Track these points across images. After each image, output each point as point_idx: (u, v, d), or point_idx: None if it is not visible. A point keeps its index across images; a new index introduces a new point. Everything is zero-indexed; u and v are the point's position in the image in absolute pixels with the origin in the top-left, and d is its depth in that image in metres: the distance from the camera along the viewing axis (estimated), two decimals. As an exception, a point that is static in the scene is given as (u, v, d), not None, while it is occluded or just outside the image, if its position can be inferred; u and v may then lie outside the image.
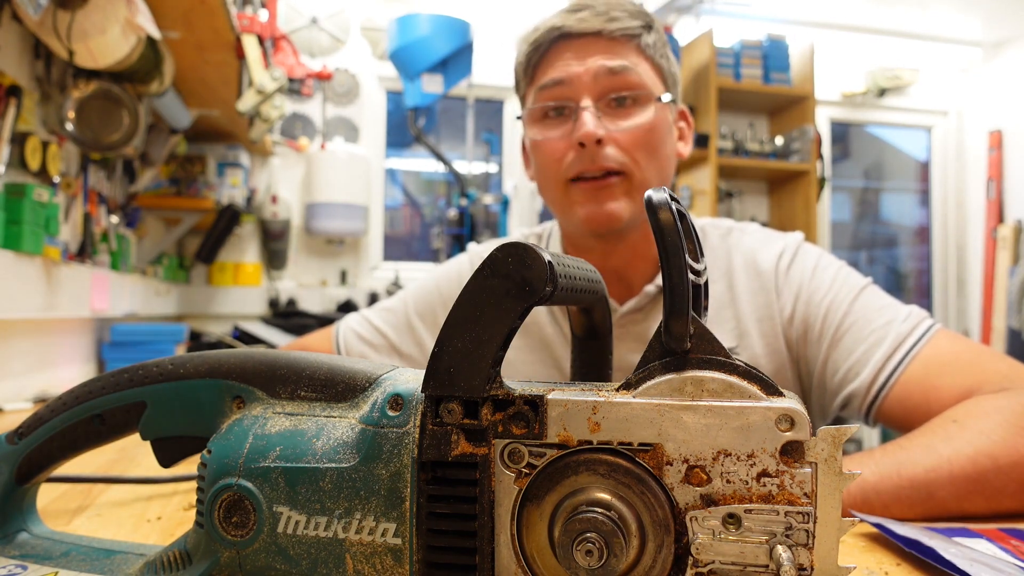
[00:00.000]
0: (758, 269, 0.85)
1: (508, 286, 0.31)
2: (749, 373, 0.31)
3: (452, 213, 3.15)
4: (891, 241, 4.31)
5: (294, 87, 2.47)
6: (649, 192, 0.32)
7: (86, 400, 0.41)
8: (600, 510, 0.30)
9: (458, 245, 3.15)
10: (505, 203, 3.28)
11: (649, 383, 0.32)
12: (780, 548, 0.29)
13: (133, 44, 1.38)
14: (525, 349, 0.91)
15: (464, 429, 0.33)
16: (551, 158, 0.81)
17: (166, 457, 0.41)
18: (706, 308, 0.36)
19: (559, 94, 0.80)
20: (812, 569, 0.30)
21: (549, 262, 0.31)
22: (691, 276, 0.32)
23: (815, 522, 0.30)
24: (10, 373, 1.42)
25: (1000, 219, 3.86)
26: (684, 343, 0.31)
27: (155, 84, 1.67)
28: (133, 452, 0.81)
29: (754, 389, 0.31)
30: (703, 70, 3.32)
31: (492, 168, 3.53)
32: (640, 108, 0.79)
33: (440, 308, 0.94)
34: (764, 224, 3.85)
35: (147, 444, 0.41)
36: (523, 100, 0.88)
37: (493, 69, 3.39)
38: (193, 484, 0.65)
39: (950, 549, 0.43)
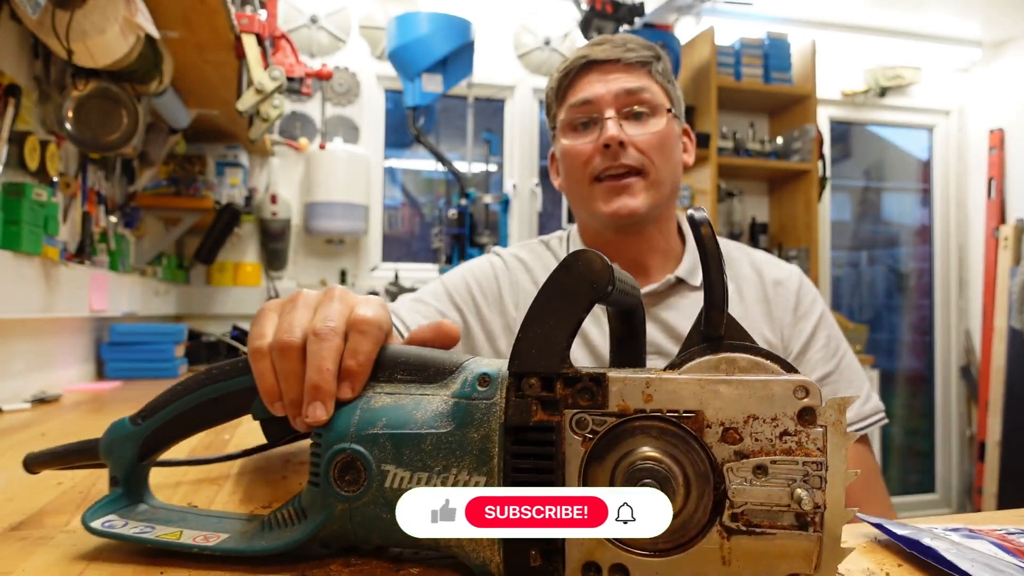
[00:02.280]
0: (763, 280, 0.99)
1: (579, 283, 0.38)
2: (771, 355, 0.38)
3: (452, 213, 3.15)
4: (892, 241, 4.30)
5: (293, 86, 2.46)
6: (691, 211, 0.39)
7: (205, 385, 0.47)
8: (654, 462, 0.37)
9: (458, 245, 3.15)
10: (505, 203, 3.28)
11: (691, 363, 0.39)
12: (800, 490, 0.36)
13: (132, 43, 1.38)
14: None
15: (541, 400, 0.39)
16: (579, 160, 0.95)
17: (272, 435, 0.49)
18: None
19: (586, 110, 0.95)
20: (825, 507, 0.36)
21: (611, 266, 0.38)
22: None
23: (827, 471, 0.36)
24: (9, 373, 1.42)
25: (1002, 219, 3.86)
26: (720, 331, 0.39)
27: (154, 83, 1.67)
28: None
29: (775, 367, 0.38)
30: (703, 69, 3.31)
31: (492, 168, 3.52)
32: (654, 119, 0.94)
33: (474, 285, 1.02)
34: (764, 224, 3.84)
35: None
36: (554, 119, 1.02)
37: (493, 68, 3.39)
38: (193, 483, 0.66)
39: (951, 549, 0.43)
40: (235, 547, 0.43)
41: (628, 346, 0.48)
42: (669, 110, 0.95)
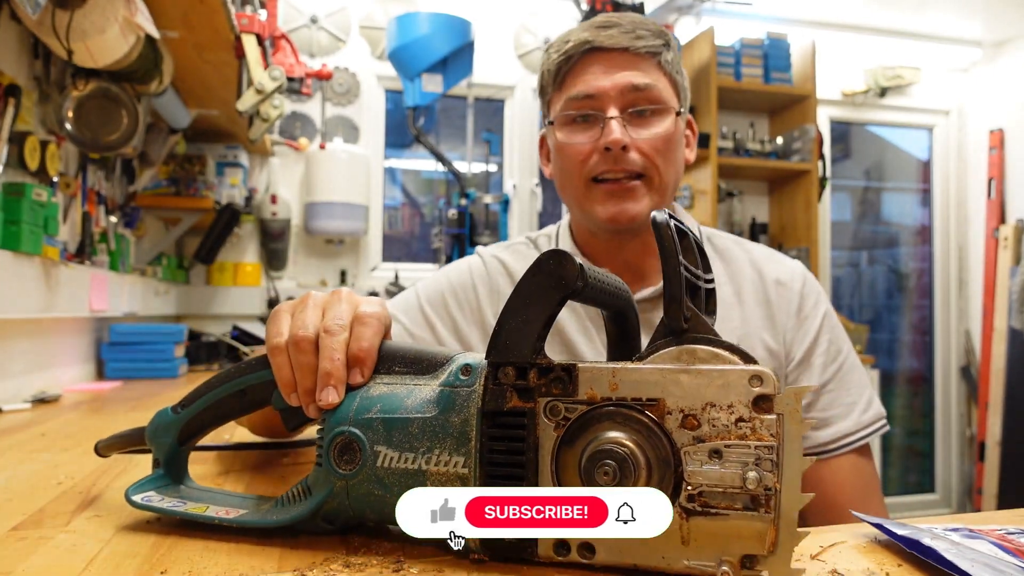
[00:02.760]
0: (763, 280, 0.94)
1: (550, 281, 0.41)
2: (732, 347, 0.41)
3: (452, 213, 3.15)
4: (892, 241, 4.30)
5: (293, 86, 2.46)
6: (654, 213, 0.41)
7: (234, 378, 0.53)
8: (616, 445, 0.40)
9: (458, 245, 3.15)
10: (505, 203, 3.27)
11: (655, 354, 0.41)
12: (751, 473, 0.38)
13: (132, 43, 1.38)
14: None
15: (516, 388, 0.43)
16: (576, 159, 0.88)
17: (291, 423, 0.52)
18: (713, 311, 0.46)
19: (588, 105, 0.87)
20: (777, 490, 0.38)
21: (580, 265, 0.41)
22: (688, 276, 0.41)
23: (781, 456, 0.38)
24: (9, 373, 1.42)
25: (1001, 219, 3.86)
26: (680, 323, 0.41)
27: (154, 83, 1.67)
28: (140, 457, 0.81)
29: (734, 358, 0.40)
30: (703, 69, 3.31)
31: (492, 168, 3.52)
32: (660, 119, 0.87)
33: (450, 295, 0.98)
34: (764, 224, 3.82)
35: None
36: (549, 103, 0.94)
37: (493, 68, 3.38)
38: (195, 479, 0.65)
39: (951, 549, 0.42)
40: (250, 520, 0.49)
41: (622, 348, 0.50)
42: (678, 112, 0.89)
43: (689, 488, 0.39)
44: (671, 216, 0.42)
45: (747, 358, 0.40)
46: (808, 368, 0.90)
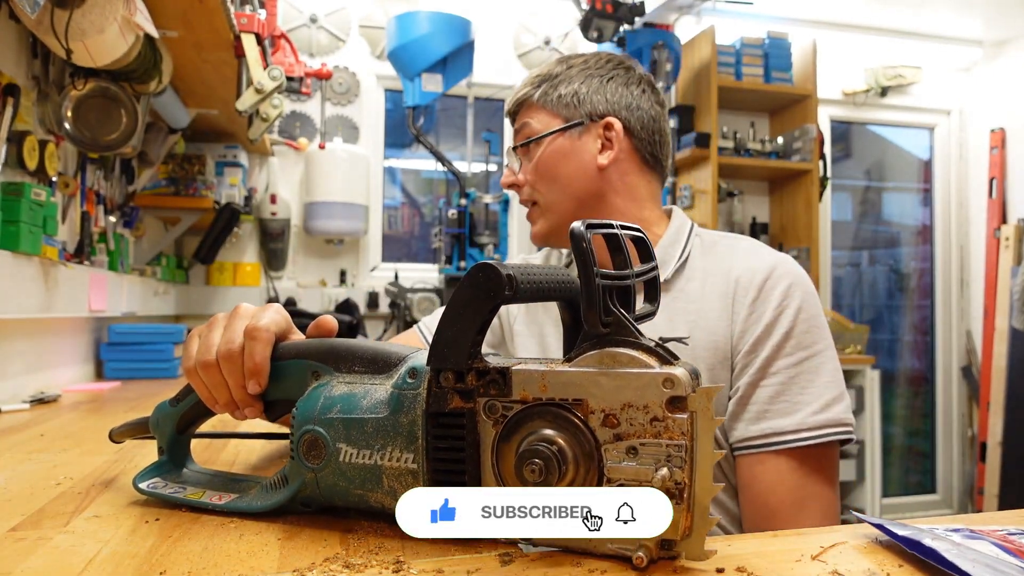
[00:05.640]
0: (733, 271, 0.90)
1: (478, 292, 0.44)
2: (651, 350, 0.43)
3: (452, 213, 3.14)
4: (893, 241, 4.30)
5: (293, 86, 2.46)
6: (573, 224, 0.44)
7: None
8: (544, 444, 0.43)
9: (458, 245, 3.14)
10: (505, 203, 3.27)
11: (580, 357, 0.44)
12: (663, 470, 0.41)
13: (131, 43, 1.38)
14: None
15: (456, 390, 0.46)
16: None
17: (272, 414, 0.59)
18: (655, 298, 0.51)
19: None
20: (686, 484, 0.41)
21: (508, 274, 0.44)
22: (609, 281, 0.44)
23: (691, 452, 0.41)
24: (8, 373, 1.42)
25: (1003, 219, 3.85)
26: (599, 328, 0.44)
27: (153, 83, 1.67)
28: (132, 453, 0.81)
29: (652, 361, 0.43)
30: (704, 69, 3.31)
31: (492, 168, 3.52)
32: (536, 149, 0.99)
33: None
34: (765, 224, 3.81)
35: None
36: None
37: (493, 68, 3.38)
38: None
39: (952, 550, 0.42)
40: (237, 505, 0.55)
41: (574, 334, 0.53)
42: (548, 135, 0.98)
43: (610, 482, 0.42)
44: (591, 224, 0.45)
45: (664, 360, 0.43)
46: (754, 358, 0.85)
